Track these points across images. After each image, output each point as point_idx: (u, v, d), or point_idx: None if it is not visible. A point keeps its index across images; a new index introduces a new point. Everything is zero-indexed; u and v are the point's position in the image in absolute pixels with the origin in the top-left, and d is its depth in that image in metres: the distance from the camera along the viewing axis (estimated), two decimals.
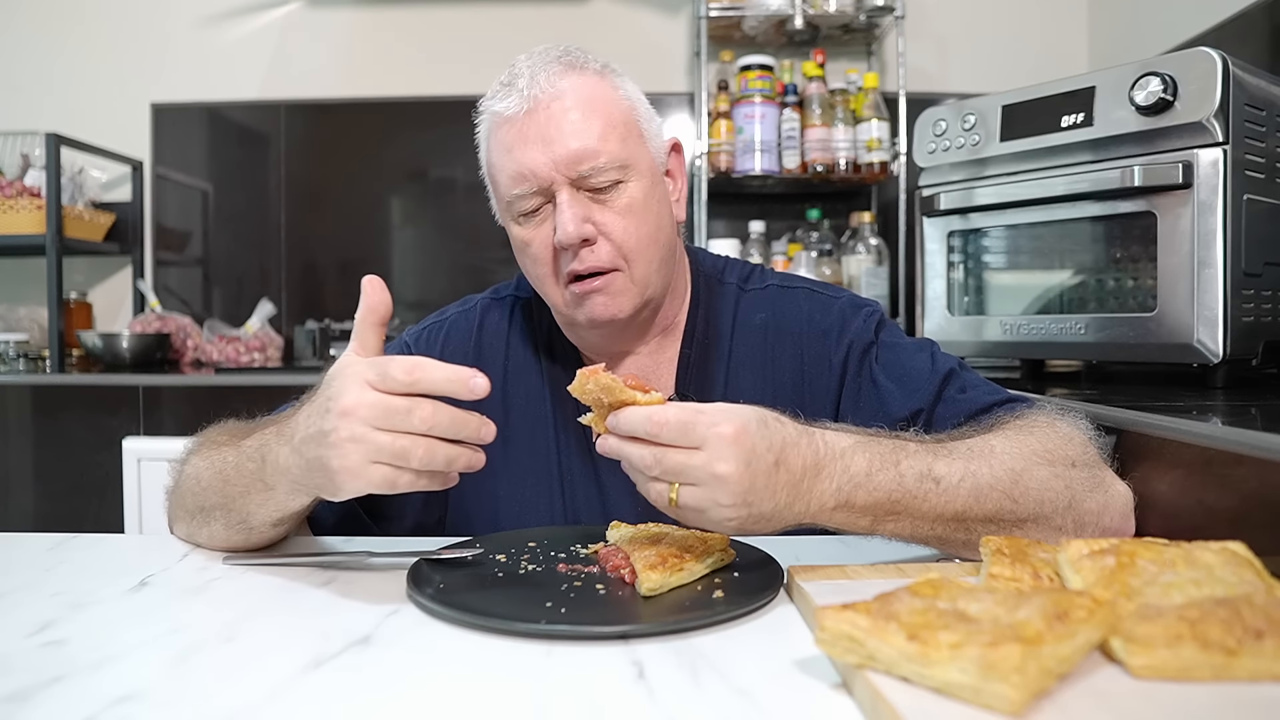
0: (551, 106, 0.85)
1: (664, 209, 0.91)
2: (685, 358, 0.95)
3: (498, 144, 0.88)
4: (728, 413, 0.65)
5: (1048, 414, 0.81)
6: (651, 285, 0.90)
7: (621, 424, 0.65)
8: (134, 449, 1.90)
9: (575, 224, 0.84)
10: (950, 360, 0.91)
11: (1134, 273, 1.25)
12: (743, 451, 0.63)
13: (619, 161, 0.86)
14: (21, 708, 0.50)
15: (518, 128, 0.86)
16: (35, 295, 2.46)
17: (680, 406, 0.65)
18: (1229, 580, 0.55)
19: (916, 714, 0.45)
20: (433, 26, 2.55)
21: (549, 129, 0.84)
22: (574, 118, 0.85)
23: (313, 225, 2.57)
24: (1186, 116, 1.12)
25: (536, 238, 0.88)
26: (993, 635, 0.46)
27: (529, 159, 0.84)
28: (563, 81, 0.86)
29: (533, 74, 0.86)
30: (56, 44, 2.55)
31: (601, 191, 0.86)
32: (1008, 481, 0.72)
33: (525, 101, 0.85)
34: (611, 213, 0.86)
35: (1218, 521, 0.74)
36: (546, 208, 0.87)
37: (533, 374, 0.97)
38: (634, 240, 0.87)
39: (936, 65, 2.48)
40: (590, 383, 0.66)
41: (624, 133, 0.87)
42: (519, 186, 0.86)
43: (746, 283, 0.99)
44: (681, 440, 0.64)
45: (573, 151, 0.84)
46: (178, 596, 0.70)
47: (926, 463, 0.71)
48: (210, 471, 0.79)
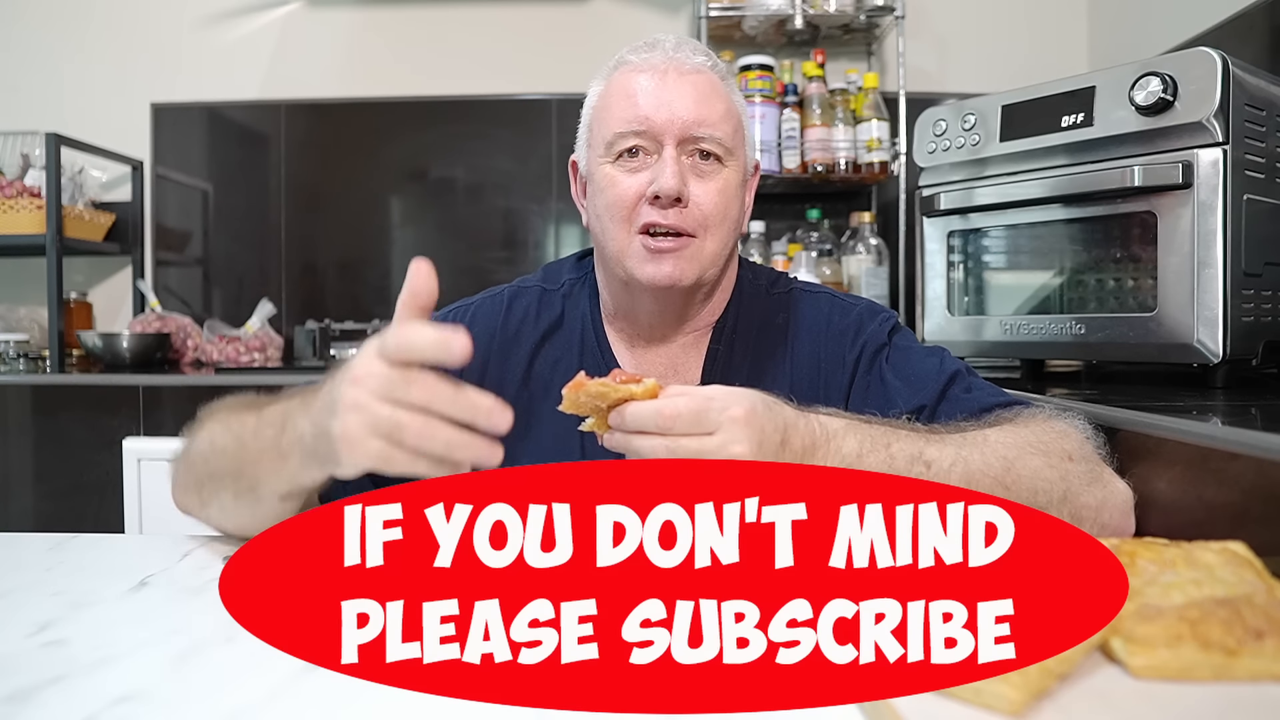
0: (686, 75, 0.92)
1: (741, 209, 0.96)
2: (713, 352, 0.98)
3: (621, 86, 0.93)
4: (735, 396, 0.66)
5: (1046, 412, 0.81)
6: (714, 267, 0.93)
7: (629, 421, 0.65)
8: (134, 449, 1.90)
9: (677, 178, 0.88)
10: (958, 364, 0.93)
11: (1134, 273, 1.25)
12: (754, 432, 0.65)
13: (727, 144, 0.91)
14: (21, 708, 0.50)
15: (651, 79, 0.91)
16: (35, 295, 2.46)
17: (688, 395, 0.66)
18: (1229, 580, 0.55)
19: (916, 714, 0.45)
20: (433, 26, 2.55)
21: (680, 90, 0.90)
22: (704, 91, 0.91)
23: (313, 225, 2.57)
24: (1186, 116, 1.12)
25: (626, 181, 0.91)
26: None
27: (651, 107, 0.90)
28: (701, 61, 0.93)
29: (679, 45, 0.94)
30: (57, 44, 2.55)
31: (704, 162, 0.91)
32: (1000, 468, 0.72)
33: (668, 62, 0.92)
34: (706, 184, 0.91)
35: (1218, 521, 0.74)
36: (646, 158, 0.91)
37: (559, 361, 0.98)
38: (719, 215, 0.91)
39: (936, 65, 2.48)
40: (580, 395, 0.66)
41: (736, 125, 0.94)
42: (632, 126, 0.90)
43: (773, 286, 1.03)
44: (695, 428, 0.65)
45: (696, 115, 0.90)
46: (178, 596, 0.70)
47: (918, 447, 0.71)
48: (228, 436, 0.78)
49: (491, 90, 2.52)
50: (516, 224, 2.56)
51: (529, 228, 2.56)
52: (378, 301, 2.55)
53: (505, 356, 0.98)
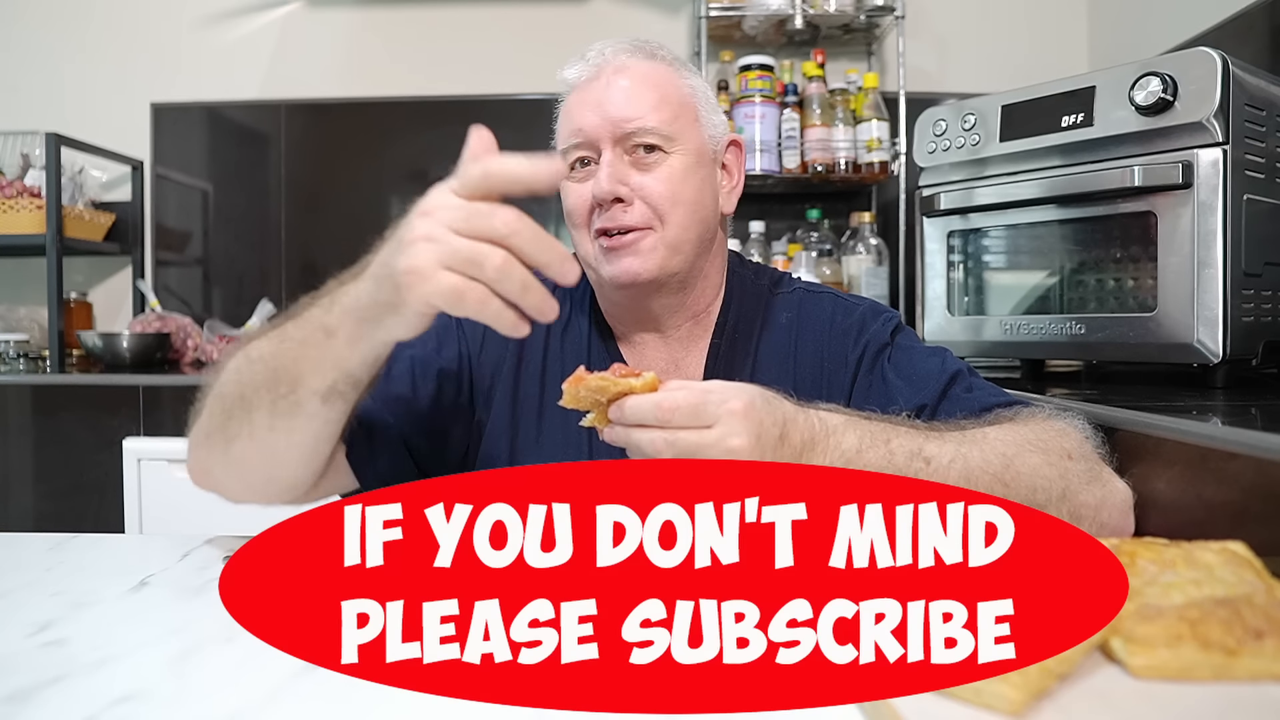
0: (612, 76, 0.92)
1: (707, 190, 0.95)
2: (715, 348, 0.98)
3: (564, 106, 0.95)
4: (734, 389, 0.66)
5: (1045, 412, 0.81)
6: (682, 253, 0.92)
7: (628, 414, 0.65)
8: (134, 449, 1.90)
9: (610, 181, 0.89)
10: (960, 364, 0.93)
11: (1134, 273, 1.25)
12: (753, 425, 0.65)
13: (664, 132, 0.91)
14: (21, 708, 0.50)
15: (580, 91, 0.93)
16: (35, 295, 2.46)
17: (686, 388, 0.65)
18: (1229, 580, 0.55)
19: (916, 714, 0.45)
20: (433, 26, 2.55)
21: (607, 93, 0.91)
22: (628, 85, 0.92)
23: (313, 225, 2.56)
24: (1186, 116, 1.12)
25: (578, 190, 0.93)
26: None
27: (583, 117, 0.91)
28: (630, 59, 0.94)
29: (603, 49, 0.95)
30: (57, 44, 2.55)
31: (647, 155, 0.91)
32: (999, 465, 0.72)
33: (590, 69, 0.94)
34: (650, 177, 0.91)
35: (1217, 521, 0.74)
36: (593, 167, 0.92)
37: (569, 355, 0.98)
38: (668, 203, 0.91)
39: (936, 65, 2.48)
40: (580, 389, 0.66)
41: (677, 111, 0.92)
42: (572, 140, 0.92)
43: (777, 286, 1.03)
44: (693, 421, 0.64)
45: (623, 113, 0.90)
46: (178, 596, 0.70)
47: (917, 443, 0.71)
48: (264, 345, 0.74)
49: (491, 90, 2.52)
50: None
51: None
52: None
53: (521, 349, 0.97)
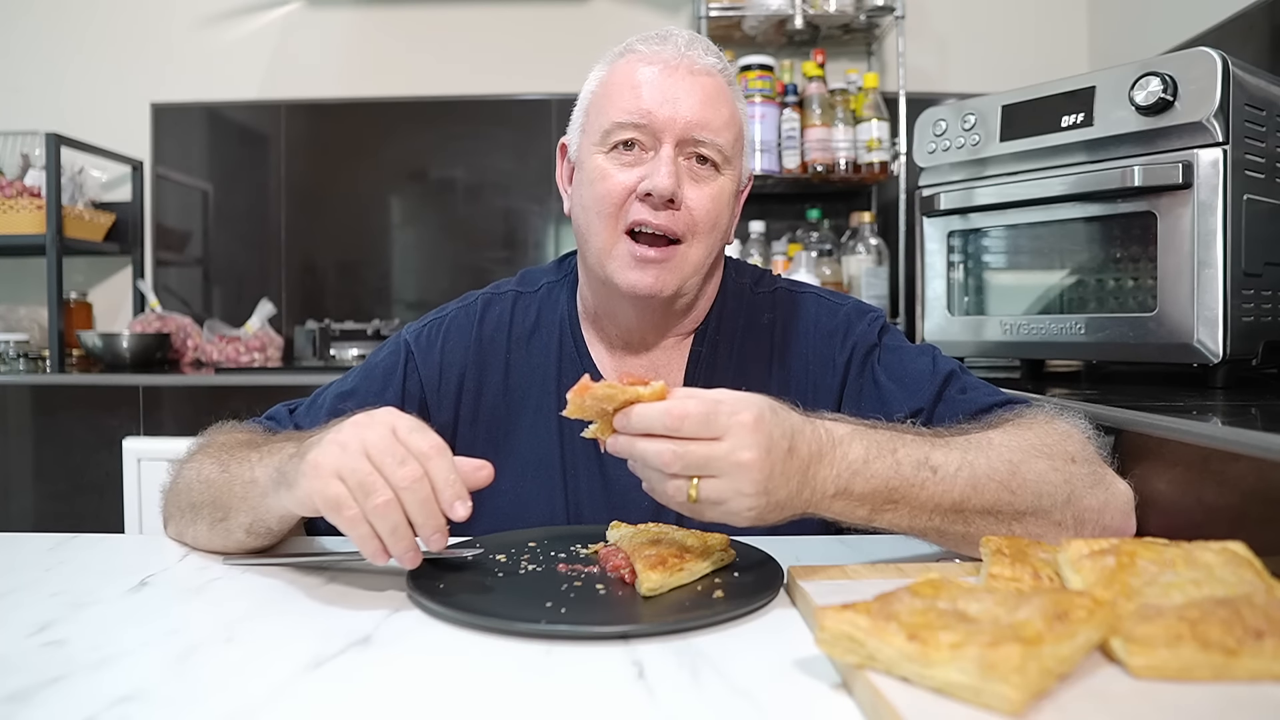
0: (696, 74, 0.89)
1: (730, 220, 0.95)
2: (696, 354, 0.97)
3: (625, 75, 0.90)
4: (744, 400, 0.65)
5: (1047, 413, 0.81)
6: (697, 275, 0.91)
7: (635, 423, 0.63)
8: (134, 449, 1.89)
9: (673, 178, 0.87)
10: (951, 363, 0.92)
11: (1134, 273, 1.25)
12: (763, 438, 0.63)
13: (727, 152, 0.90)
14: (21, 708, 0.50)
15: (658, 72, 0.89)
16: (35, 295, 2.46)
17: (698, 397, 0.64)
18: (1229, 580, 0.55)
19: (916, 714, 0.45)
20: (433, 26, 2.55)
21: (687, 89, 0.88)
22: (711, 94, 0.89)
23: (313, 225, 2.57)
24: (1186, 116, 1.12)
25: (618, 175, 0.89)
26: (993, 635, 0.46)
27: (655, 102, 0.88)
28: (713, 63, 0.91)
29: (691, 42, 0.91)
30: (57, 44, 2.55)
31: (700, 166, 0.89)
32: (1005, 472, 0.72)
33: (678, 58, 0.89)
34: (700, 189, 0.89)
35: (1217, 521, 0.74)
36: (642, 154, 0.89)
37: (536, 367, 0.97)
38: (709, 222, 0.89)
39: (936, 65, 2.48)
40: (586, 399, 0.64)
41: (737, 134, 0.92)
42: (632, 118, 0.88)
43: (758, 285, 1.01)
44: (703, 431, 0.63)
45: (699, 118, 0.88)
46: (178, 596, 0.70)
47: (924, 451, 0.71)
48: (214, 469, 0.80)
49: (491, 90, 2.52)
50: (516, 224, 2.56)
51: (529, 228, 2.56)
52: (377, 302, 2.55)
53: (482, 367, 0.97)
